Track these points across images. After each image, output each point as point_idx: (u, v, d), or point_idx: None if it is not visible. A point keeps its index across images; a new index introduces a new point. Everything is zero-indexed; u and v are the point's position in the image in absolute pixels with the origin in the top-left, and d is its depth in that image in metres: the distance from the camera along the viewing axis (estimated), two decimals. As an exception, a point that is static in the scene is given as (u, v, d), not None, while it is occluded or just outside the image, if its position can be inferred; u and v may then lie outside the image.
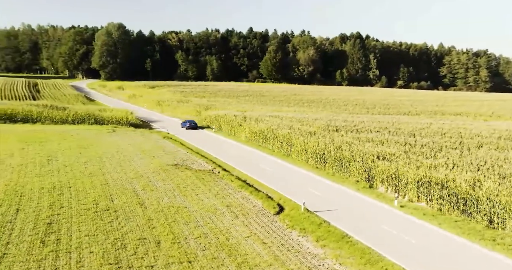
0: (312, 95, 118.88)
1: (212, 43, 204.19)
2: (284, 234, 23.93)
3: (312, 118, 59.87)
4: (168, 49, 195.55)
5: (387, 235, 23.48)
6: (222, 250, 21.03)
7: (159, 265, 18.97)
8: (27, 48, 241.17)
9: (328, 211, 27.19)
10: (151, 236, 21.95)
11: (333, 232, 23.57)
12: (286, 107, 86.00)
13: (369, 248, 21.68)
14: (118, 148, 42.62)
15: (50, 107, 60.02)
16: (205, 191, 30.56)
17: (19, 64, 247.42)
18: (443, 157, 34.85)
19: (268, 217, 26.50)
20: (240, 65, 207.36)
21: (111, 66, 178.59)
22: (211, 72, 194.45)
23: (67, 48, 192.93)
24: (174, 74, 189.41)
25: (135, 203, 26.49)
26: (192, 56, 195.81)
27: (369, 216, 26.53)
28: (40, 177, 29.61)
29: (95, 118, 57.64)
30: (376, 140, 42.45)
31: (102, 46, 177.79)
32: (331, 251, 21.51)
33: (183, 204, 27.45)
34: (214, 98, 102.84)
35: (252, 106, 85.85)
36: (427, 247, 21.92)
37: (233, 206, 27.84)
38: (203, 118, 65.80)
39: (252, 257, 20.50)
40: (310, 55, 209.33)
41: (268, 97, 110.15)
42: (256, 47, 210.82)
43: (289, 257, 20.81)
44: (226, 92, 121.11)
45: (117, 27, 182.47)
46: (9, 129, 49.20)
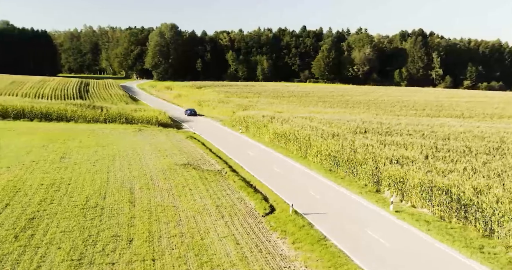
0: (361, 96, 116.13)
1: (263, 43, 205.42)
2: (263, 235, 24.08)
3: (345, 119, 58.83)
4: (219, 49, 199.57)
5: (367, 239, 23.29)
6: (192, 250, 21.35)
7: (121, 262, 19.54)
8: (88, 49, 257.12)
9: (318, 214, 27.17)
10: (126, 233, 22.63)
11: (311, 235, 23.56)
12: (328, 108, 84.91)
13: (340, 251, 21.82)
14: (136, 147, 44.25)
15: (86, 106, 63.70)
16: (202, 191, 31.00)
17: (81, 65, 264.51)
18: (466, 162, 33.36)
19: (255, 218, 26.66)
20: (292, 65, 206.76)
21: (163, 66, 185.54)
22: (261, 72, 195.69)
23: (122, 49, 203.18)
24: (225, 74, 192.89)
25: (125, 201, 27.41)
26: (243, 56, 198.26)
27: (358, 220, 26.21)
28: (45, 174, 31.47)
29: (126, 117, 60.26)
30: (400, 143, 41.34)
31: (155, 47, 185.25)
32: (303, 254, 21.61)
33: (173, 203, 28.03)
34: (257, 99, 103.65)
35: (292, 107, 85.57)
36: (402, 252, 21.72)
37: (224, 207, 28.10)
38: (233, 118, 66.39)
39: (218, 257, 20.72)
40: (366, 54, 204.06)
41: (313, 98, 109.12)
42: (308, 46, 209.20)
43: (257, 258, 20.94)
44: (271, 92, 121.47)
45: (170, 27, 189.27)
46: (40, 127, 52.77)
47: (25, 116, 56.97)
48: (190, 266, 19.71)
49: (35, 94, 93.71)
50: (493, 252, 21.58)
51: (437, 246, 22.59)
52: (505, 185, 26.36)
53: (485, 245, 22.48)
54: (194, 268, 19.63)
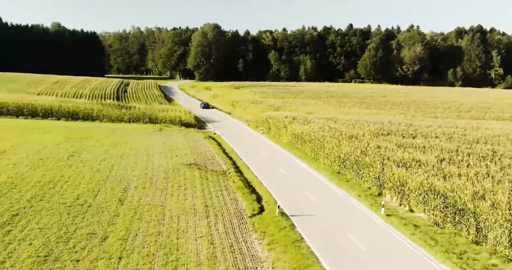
0: (404, 97, 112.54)
1: (307, 42, 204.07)
2: (242, 236, 24.23)
3: (373, 121, 57.51)
4: (261, 49, 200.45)
5: (344, 242, 23.26)
6: (162, 249, 21.70)
7: (86, 260, 20.06)
8: (135, 50, 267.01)
9: (304, 216, 27.20)
10: (103, 231, 23.25)
11: (289, 236, 23.64)
12: (363, 109, 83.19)
13: (311, 253, 21.85)
14: (148, 146, 45.41)
15: (113, 106, 66.23)
16: (197, 191, 31.38)
17: (128, 65, 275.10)
18: (482, 167, 31.92)
19: (241, 219, 26.85)
20: (336, 65, 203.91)
21: (205, 67, 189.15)
22: (304, 72, 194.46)
23: (166, 50, 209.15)
24: (266, 74, 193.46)
25: (115, 200, 28.19)
26: (285, 56, 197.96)
27: (343, 223, 26.15)
28: (47, 171, 32.94)
29: (149, 117, 62.03)
30: (420, 146, 40.15)
31: (197, 47, 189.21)
32: (275, 255, 21.73)
33: (163, 202, 28.53)
34: (292, 100, 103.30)
35: (325, 108, 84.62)
36: (374, 256, 21.61)
37: (213, 207, 28.37)
38: (257, 119, 66.57)
39: (187, 257, 20.98)
40: (416, 53, 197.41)
41: (351, 98, 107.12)
42: (354, 45, 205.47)
43: (226, 258, 21.13)
44: (309, 93, 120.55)
45: (212, 27, 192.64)
46: (64, 125, 55.37)
47: (53, 115, 60.10)
48: (154, 265, 20.03)
49: (74, 94, 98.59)
50: (472, 258, 21.19)
51: (413, 250, 22.46)
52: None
53: (469, 251, 22.04)
54: (158, 266, 19.94)
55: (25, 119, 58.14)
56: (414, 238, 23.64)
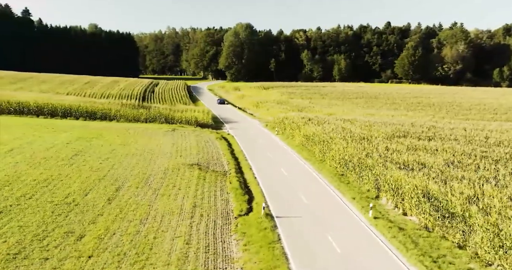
0: (438, 98, 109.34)
1: (341, 41, 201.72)
2: (222, 236, 24.47)
3: (393, 122, 56.68)
4: (294, 48, 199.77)
5: (321, 244, 23.41)
6: (135, 248, 22.11)
7: (55, 258, 20.50)
8: (170, 51, 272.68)
9: (290, 217, 27.40)
10: (82, 230, 23.78)
11: (267, 237, 23.97)
12: (390, 111, 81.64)
13: (283, 254, 22.12)
14: (156, 146, 46.18)
15: (131, 106, 67.85)
16: (190, 191, 31.72)
17: (163, 66, 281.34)
18: (491, 170, 31.37)
19: (226, 220, 27.12)
20: (372, 65, 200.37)
21: (236, 67, 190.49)
22: (338, 72, 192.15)
23: (198, 50, 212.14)
24: (299, 74, 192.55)
25: (104, 199, 28.81)
26: (319, 56, 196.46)
27: (327, 225, 26.19)
28: (45, 170, 34.01)
29: (166, 118, 63.10)
30: (433, 148, 39.67)
31: (229, 47, 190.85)
32: (248, 256, 21.97)
33: (151, 202, 28.95)
34: (320, 100, 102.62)
35: (350, 109, 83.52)
36: (347, 258, 21.72)
37: (201, 207, 28.71)
38: (275, 120, 66.47)
39: (158, 256, 21.34)
40: (459, 51, 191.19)
41: (381, 99, 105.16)
42: (392, 44, 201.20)
43: (198, 258, 21.44)
44: (339, 94, 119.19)
45: (245, 27, 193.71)
46: (80, 125, 57.11)
47: (72, 115, 62.19)
48: (121, 264, 20.39)
49: (102, 94, 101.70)
50: (449, 262, 21.20)
51: (387, 253, 22.55)
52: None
53: (448, 255, 21.97)
54: (125, 265, 20.28)
55: (44, 119, 60.45)
56: (393, 241, 23.73)
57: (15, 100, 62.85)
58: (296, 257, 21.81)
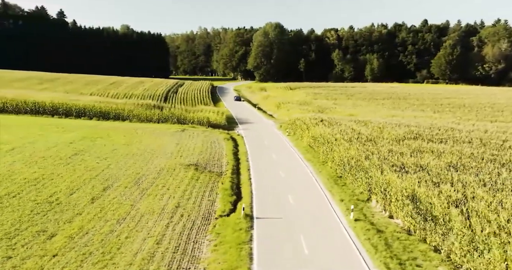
0: (471, 99, 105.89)
1: (374, 40, 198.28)
2: (196, 237, 24.73)
3: (410, 124, 55.57)
4: (325, 48, 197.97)
5: (292, 245, 23.53)
6: (104, 247, 22.53)
7: (18, 257, 20.95)
8: (201, 51, 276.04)
9: (271, 219, 27.57)
10: (55, 229, 24.27)
11: (239, 238, 24.25)
12: (416, 112, 79.81)
13: (249, 255, 22.33)
14: (159, 146, 46.77)
15: (145, 106, 69.12)
16: (178, 192, 32.07)
17: (194, 66, 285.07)
18: (494, 174, 30.57)
19: (206, 221, 27.36)
20: (407, 64, 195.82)
21: (264, 67, 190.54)
22: (370, 72, 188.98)
23: (227, 50, 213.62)
24: (329, 75, 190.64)
25: (88, 199, 29.33)
26: (350, 55, 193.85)
27: (305, 227, 26.28)
28: (39, 169, 34.95)
29: (178, 118, 63.86)
30: (440, 151, 38.81)
31: (258, 47, 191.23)
32: (216, 256, 22.32)
33: (135, 202, 29.37)
34: (345, 101, 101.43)
35: (373, 110, 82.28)
36: (313, 260, 21.77)
37: (184, 208, 29.01)
38: (288, 121, 66.13)
39: (123, 256, 21.67)
40: (501, 50, 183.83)
41: (410, 100, 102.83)
42: (428, 43, 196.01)
43: (164, 259, 21.71)
44: (366, 94, 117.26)
45: (274, 26, 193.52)
46: (91, 125, 58.55)
47: (86, 115, 63.90)
48: (84, 263, 20.76)
49: (125, 95, 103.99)
50: (416, 264, 21.27)
51: (355, 255, 22.67)
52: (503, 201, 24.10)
53: (419, 258, 21.98)
54: (87, 265, 20.65)
55: (58, 119, 62.37)
56: (365, 243, 23.82)
57: (32, 100, 65.20)
58: (261, 258, 21.98)
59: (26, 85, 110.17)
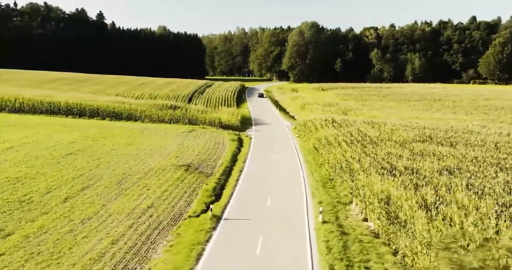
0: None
1: (416, 39, 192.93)
2: (156, 237, 25.01)
3: (426, 126, 54.19)
4: (363, 47, 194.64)
5: (247, 246, 23.83)
6: (56, 247, 22.87)
7: (-36, 256, 21.85)
8: (239, 51, 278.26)
9: (238, 220, 27.83)
10: (14, 228, 24.68)
11: (197, 239, 24.66)
12: (446, 114, 77.06)
13: (198, 256, 22.58)
14: (159, 147, 47.37)
15: (158, 107, 70.44)
16: (157, 192, 32.43)
17: (231, 67, 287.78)
18: (490, 178, 29.67)
19: (174, 221, 27.63)
20: (452, 63, 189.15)
21: (299, 67, 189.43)
22: (411, 72, 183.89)
23: (262, 50, 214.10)
24: (367, 75, 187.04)
25: (62, 198, 29.80)
26: (390, 55, 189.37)
27: (268, 228, 26.37)
28: (27, 168, 35.92)
29: (189, 119, 64.68)
30: (443, 154, 37.72)
31: (293, 47, 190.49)
32: (166, 257, 22.71)
33: (108, 202, 29.84)
34: (374, 102, 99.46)
35: (401, 112, 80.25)
36: (264, 262, 21.90)
37: (156, 208, 29.35)
38: (299, 122, 65.61)
39: (71, 256, 22.02)
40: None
41: (444, 102, 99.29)
42: (476, 41, 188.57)
43: (113, 258, 22.07)
44: (399, 95, 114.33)
45: (310, 26, 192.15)
46: (100, 125, 60.08)
47: (99, 115, 65.81)
48: (27, 263, 21.07)
49: (150, 95, 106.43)
50: (364, 266, 21.52)
51: (305, 257, 22.81)
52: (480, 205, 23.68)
53: (373, 260, 22.11)
54: (31, 265, 21.01)
55: (71, 119, 64.48)
56: (321, 245, 23.94)
57: (47, 101, 67.82)
58: (210, 258, 22.22)
59: (55, 86, 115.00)
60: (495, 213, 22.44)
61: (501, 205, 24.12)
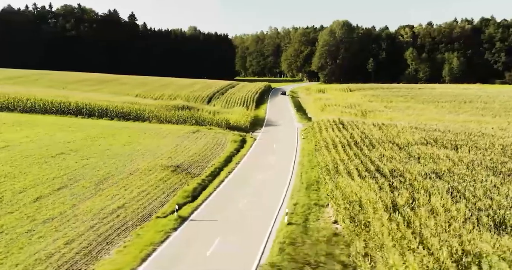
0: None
1: (455, 37, 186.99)
2: (115, 238, 25.17)
3: (435, 129, 52.75)
4: (397, 46, 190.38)
5: (200, 247, 23.81)
6: (7, 247, 23.01)
7: None
8: (271, 51, 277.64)
9: (204, 221, 27.97)
10: (-34, 229, 25.53)
11: (153, 239, 24.70)
12: (468, 116, 75.22)
13: (147, 256, 22.60)
14: (155, 147, 47.84)
15: (169, 107, 71.36)
16: (133, 192, 32.79)
17: (263, 67, 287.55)
18: (472, 181, 29.66)
19: (140, 222, 27.78)
20: (494, 63, 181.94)
21: (329, 68, 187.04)
22: (449, 72, 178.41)
23: (292, 50, 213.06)
24: (401, 75, 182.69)
25: (33, 197, 30.16)
26: (426, 54, 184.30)
27: (229, 231, 26.59)
28: (12, 167, 36.33)
29: (196, 119, 65.18)
30: (441, 157, 37.71)
31: (323, 47, 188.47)
32: (116, 257, 22.73)
33: (80, 202, 30.13)
34: (400, 104, 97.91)
35: (425, 114, 78.51)
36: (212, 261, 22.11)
37: (125, 208, 29.62)
38: (310, 124, 64.99)
39: (17, 256, 22.20)
40: None
41: (474, 103, 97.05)
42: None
43: (61, 258, 22.12)
44: (428, 97, 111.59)
45: (342, 25, 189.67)
46: (105, 125, 61.17)
47: (107, 115, 67.16)
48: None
49: (169, 96, 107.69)
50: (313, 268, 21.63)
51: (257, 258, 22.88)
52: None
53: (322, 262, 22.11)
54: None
55: (80, 119, 65.93)
56: (275, 246, 23.99)
57: (58, 101, 69.78)
58: (157, 260, 22.18)
59: (77, 86, 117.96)
60: (463, 217, 22.40)
61: (476, 209, 23.68)
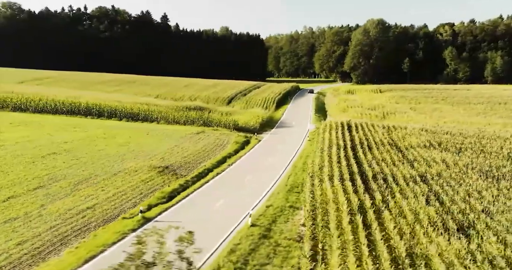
0: None
1: (499, 35, 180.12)
2: (71, 240, 25.38)
3: (446, 131, 51.69)
4: (435, 45, 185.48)
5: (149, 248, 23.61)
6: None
7: None
8: (305, 52, 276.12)
9: (170, 222, 27.10)
10: None
11: (106, 241, 24.90)
12: (496, 119, 72.56)
13: (92, 257, 22.83)
14: (152, 148, 48.16)
15: (179, 108, 72.05)
16: (109, 193, 33.11)
17: (297, 68, 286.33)
18: (472, 185, 29.75)
19: (105, 222, 28.08)
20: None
21: (362, 68, 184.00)
22: (491, 72, 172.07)
23: (324, 50, 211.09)
24: (440, 76, 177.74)
25: (4, 197, 30.48)
26: (467, 53, 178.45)
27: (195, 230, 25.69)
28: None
29: (204, 120, 65.51)
30: (436, 160, 37.53)
31: (356, 46, 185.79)
32: (64, 258, 22.94)
33: (50, 202, 30.46)
34: (427, 105, 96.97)
35: (442, 116, 77.43)
36: None
37: (94, 210, 29.85)
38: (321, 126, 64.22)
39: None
40: None
41: (509, 105, 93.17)
42: None
43: (6, 259, 22.51)
44: (461, 98, 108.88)
45: (376, 23, 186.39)
46: (110, 125, 62.18)
47: (116, 116, 68.44)
48: None
49: (189, 97, 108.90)
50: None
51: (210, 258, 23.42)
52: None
53: (273, 263, 22.66)
54: None
55: (90, 119, 67.25)
56: (227, 248, 24.40)
57: (69, 102, 71.66)
58: (100, 262, 22.04)
59: (101, 87, 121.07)
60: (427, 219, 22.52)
61: (446, 213, 22.96)
